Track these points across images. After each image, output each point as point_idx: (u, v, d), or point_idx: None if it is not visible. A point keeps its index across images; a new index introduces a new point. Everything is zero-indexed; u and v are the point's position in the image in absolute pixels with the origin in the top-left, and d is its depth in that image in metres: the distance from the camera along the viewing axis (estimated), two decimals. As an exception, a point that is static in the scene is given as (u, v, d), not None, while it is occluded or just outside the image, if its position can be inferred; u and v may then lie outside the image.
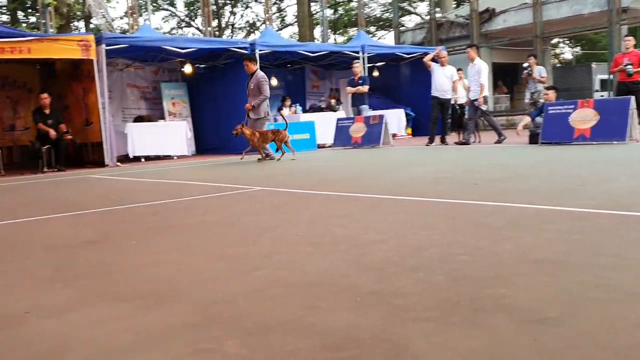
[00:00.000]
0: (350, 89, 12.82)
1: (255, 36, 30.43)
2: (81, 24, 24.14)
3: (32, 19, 23.32)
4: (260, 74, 9.84)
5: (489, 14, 19.96)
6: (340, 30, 32.38)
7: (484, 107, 10.96)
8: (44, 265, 2.86)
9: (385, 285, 2.13)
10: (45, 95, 11.12)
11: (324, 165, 8.87)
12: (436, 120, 11.60)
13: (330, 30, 26.65)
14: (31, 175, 10.33)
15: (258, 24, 32.39)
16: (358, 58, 14.40)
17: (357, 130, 12.51)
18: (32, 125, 13.70)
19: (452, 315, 1.78)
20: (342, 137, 12.78)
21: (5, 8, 23.40)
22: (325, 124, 13.49)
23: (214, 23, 23.13)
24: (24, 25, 23.12)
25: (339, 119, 13.36)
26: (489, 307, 1.83)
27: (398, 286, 2.12)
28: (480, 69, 10.82)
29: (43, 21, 16.23)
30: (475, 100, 10.85)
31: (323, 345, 1.62)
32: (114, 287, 2.38)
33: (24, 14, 23.32)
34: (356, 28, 25.16)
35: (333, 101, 15.29)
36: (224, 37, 28.54)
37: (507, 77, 21.85)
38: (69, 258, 2.99)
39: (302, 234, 3.28)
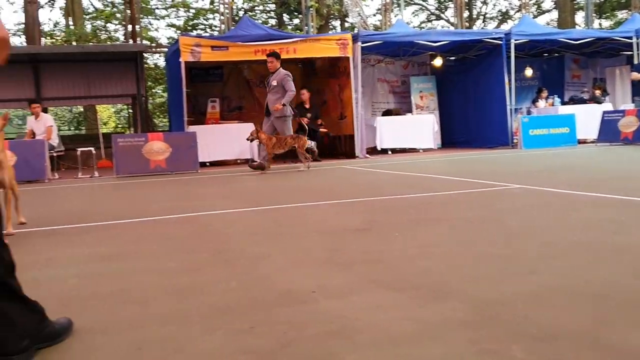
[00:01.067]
0: (636, 75, 11.57)
1: (507, 25, 29.16)
2: (337, 23, 25.82)
3: (296, 21, 25.64)
4: (284, 71, 9.53)
5: None
6: (607, 14, 29.21)
7: None
8: (320, 248, 3.11)
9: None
10: (304, 91, 12.13)
11: (588, 162, 8.12)
12: None
13: (594, 15, 24.21)
14: (292, 164, 11.40)
15: (511, 12, 30.93)
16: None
17: (628, 124, 11.18)
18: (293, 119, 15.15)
19: None
20: (609, 131, 11.56)
21: (273, 12, 26.14)
22: (587, 118, 12.35)
23: (465, 14, 22.71)
24: (289, 27, 25.56)
25: (605, 112, 12.10)
26: None
27: None
28: None
29: (305, 22, 17.71)
30: None
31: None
32: (386, 275, 2.47)
33: (288, 16, 25.77)
34: (626, 11, 22.46)
35: (598, 92, 13.88)
36: (475, 27, 27.88)
37: None
38: (341, 243, 3.21)
39: (576, 239, 3.03)
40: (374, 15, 27.97)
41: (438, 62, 14.03)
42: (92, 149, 10.95)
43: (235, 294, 2.31)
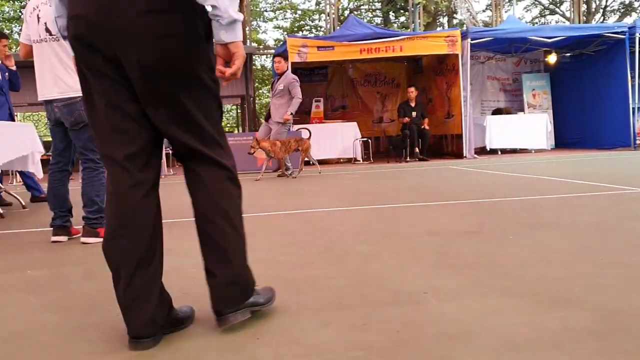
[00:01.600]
0: None
1: (630, 19, 27.20)
2: (444, 20, 25.32)
3: (402, 19, 25.45)
4: (292, 75, 8.88)
5: None
6: None
7: None
8: (430, 249, 3.06)
9: None
10: (412, 89, 12.02)
11: None
12: None
13: None
14: (395, 163, 11.32)
15: (635, 4, 28.81)
16: None
17: None
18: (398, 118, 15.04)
19: None
20: None
21: (379, 11, 26.10)
22: None
23: (582, 7, 21.44)
24: (394, 25, 25.43)
25: None
26: None
27: None
28: None
29: (411, 20, 17.51)
30: None
31: None
32: (501, 279, 2.39)
33: (394, 14, 25.64)
34: None
35: None
36: (593, 22, 26.25)
37: None
38: (451, 245, 3.14)
39: None
40: (484, 11, 27.19)
41: (552, 58, 13.36)
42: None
43: (346, 290, 2.33)
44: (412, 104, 11.98)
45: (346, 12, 24.06)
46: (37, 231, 4.36)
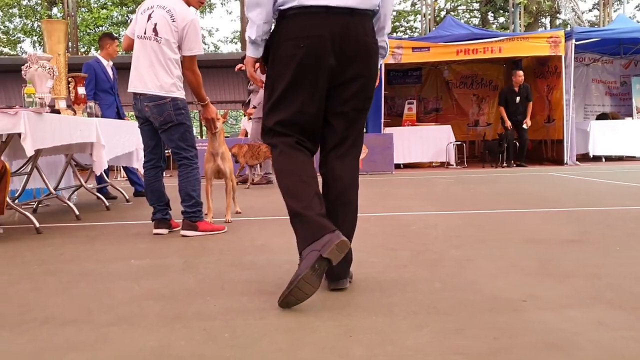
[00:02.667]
0: None
1: None
2: (547, 20, 24.26)
3: (501, 20, 24.67)
4: None
5: None
6: None
7: None
8: (529, 257, 2.94)
9: None
10: (521, 72, 11.30)
11: None
12: None
13: None
14: (491, 168, 10.97)
15: None
16: None
17: None
18: (495, 122, 14.56)
19: None
20: None
21: (477, 11, 25.42)
22: None
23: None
24: (493, 26, 24.68)
25: None
26: None
27: None
28: None
29: (511, 20, 16.92)
30: None
31: None
32: (606, 291, 2.26)
33: (493, 15, 24.88)
34: None
35: None
36: None
37: None
38: (551, 254, 3.00)
39: None
40: (590, 10, 25.77)
41: (666, 60, 12.44)
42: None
43: (440, 294, 2.29)
44: (516, 89, 11.37)
45: (442, 13, 23.64)
46: (139, 224, 4.61)
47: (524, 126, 11.17)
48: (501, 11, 23.34)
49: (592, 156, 11.69)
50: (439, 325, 1.91)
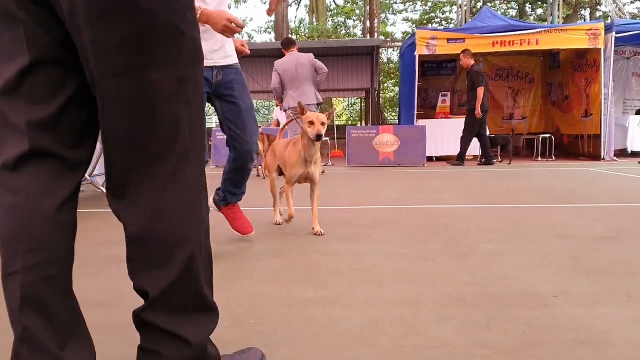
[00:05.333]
0: None
1: None
2: (586, 13, 23.64)
3: (539, 11, 24.14)
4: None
5: None
6: None
7: None
8: (561, 252, 2.89)
9: None
10: (462, 54, 10.27)
11: None
12: None
13: None
14: (526, 162, 10.78)
15: None
16: None
17: None
18: (530, 115, 14.30)
19: None
20: None
21: (515, 3, 24.91)
22: None
23: None
24: (531, 18, 24.17)
25: None
26: None
27: None
28: None
29: (550, 12, 16.54)
30: None
31: None
32: (642, 289, 2.21)
33: (531, 6, 24.35)
34: None
35: None
36: None
37: None
38: (584, 250, 2.94)
39: None
40: (632, 2, 25.00)
41: None
42: (327, 139, 11.65)
43: (469, 287, 2.27)
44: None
45: (479, 4, 23.25)
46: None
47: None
48: (539, 2, 22.84)
49: (630, 152, 11.40)
50: (466, 318, 1.90)
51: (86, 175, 5.03)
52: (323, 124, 3.29)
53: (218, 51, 2.82)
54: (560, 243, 3.13)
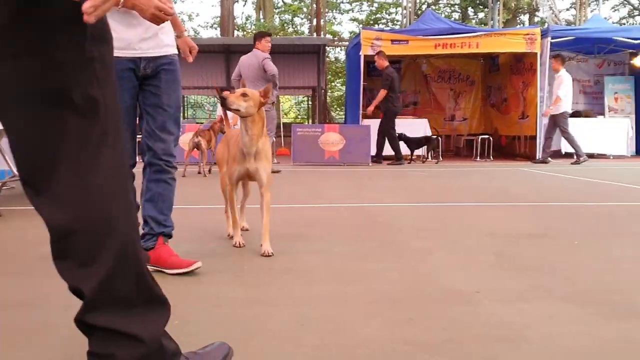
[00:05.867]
0: None
1: None
2: (525, 18, 24.46)
3: (481, 15, 24.80)
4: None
5: None
6: None
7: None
8: (488, 250, 2.98)
9: None
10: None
11: None
12: None
13: None
14: (465, 162, 11.06)
15: None
16: None
17: None
18: (470, 117, 14.67)
19: None
20: None
21: (457, 6, 25.53)
22: None
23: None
24: (473, 21, 24.81)
25: None
26: None
27: None
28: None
29: (490, 16, 17.04)
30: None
31: None
32: (563, 286, 2.30)
33: (473, 10, 25.02)
34: None
35: None
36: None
37: None
38: (510, 248, 3.04)
39: None
40: (567, 9, 26.07)
41: (638, 61, 12.62)
42: (274, 138, 11.60)
43: (397, 285, 2.30)
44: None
45: (424, 7, 23.69)
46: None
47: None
48: (481, 7, 23.47)
49: (564, 153, 11.85)
50: (392, 315, 1.93)
51: (15, 172, 4.83)
52: (243, 95, 2.78)
53: (148, 40, 2.51)
54: (487, 241, 3.23)
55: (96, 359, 1.21)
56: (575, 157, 10.41)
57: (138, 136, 2.69)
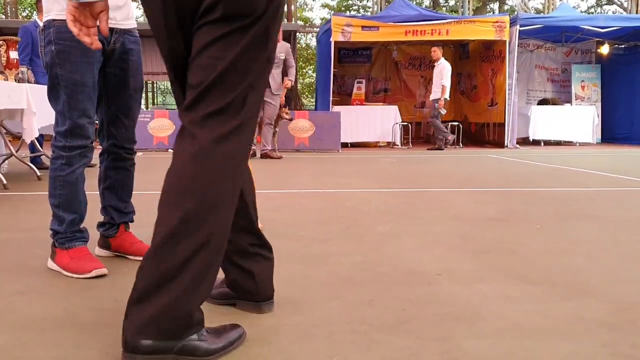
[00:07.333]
0: None
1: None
2: (495, 6, 24.67)
3: (451, 3, 24.94)
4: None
5: None
6: None
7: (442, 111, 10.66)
8: (452, 233, 3.02)
9: None
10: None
11: None
12: None
13: None
14: (433, 150, 11.16)
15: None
16: None
17: None
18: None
19: None
20: None
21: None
22: None
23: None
24: (443, 9, 24.93)
25: None
26: None
27: None
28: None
29: (461, 4, 17.12)
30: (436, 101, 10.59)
31: None
32: (520, 267, 2.34)
33: (446, -3, 25.17)
34: None
35: None
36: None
37: None
38: (475, 231, 3.09)
39: None
40: (537, -2, 26.30)
41: (605, 50, 12.88)
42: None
43: (359, 267, 2.32)
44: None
45: (395, -6, 23.69)
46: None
47: None
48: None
49: (531, 140, 12.05)
50: (351, 296, 1.94)
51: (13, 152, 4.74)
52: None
53: (122, 8, 2.23)
54: (452, 224, 3.26)
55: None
56: (437, 143, 11.04)
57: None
